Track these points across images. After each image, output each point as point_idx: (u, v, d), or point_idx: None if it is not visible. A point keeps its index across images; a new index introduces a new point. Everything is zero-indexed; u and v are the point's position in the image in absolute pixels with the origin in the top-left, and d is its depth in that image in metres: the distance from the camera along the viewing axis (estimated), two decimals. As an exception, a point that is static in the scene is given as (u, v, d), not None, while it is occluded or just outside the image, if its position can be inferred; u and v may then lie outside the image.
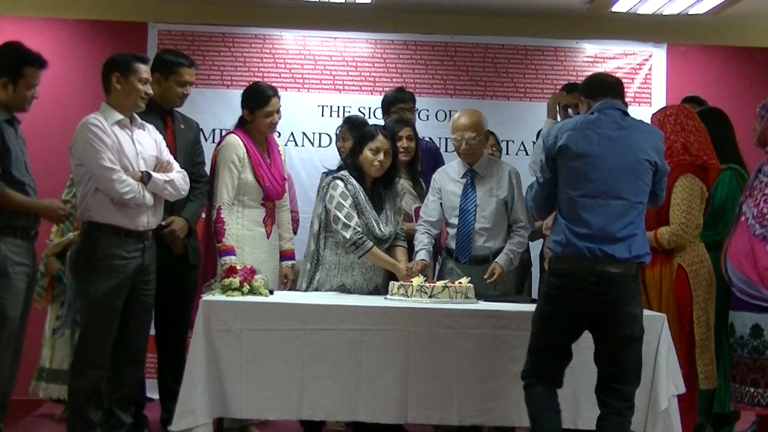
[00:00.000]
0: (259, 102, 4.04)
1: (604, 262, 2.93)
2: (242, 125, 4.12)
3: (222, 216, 3.93)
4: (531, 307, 3.40)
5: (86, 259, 3.59)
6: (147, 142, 3.73)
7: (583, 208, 2.96)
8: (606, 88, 3.13)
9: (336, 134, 4.66)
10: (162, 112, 4.00)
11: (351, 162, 3.92)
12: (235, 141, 4.02)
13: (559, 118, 4.14)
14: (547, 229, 4.21)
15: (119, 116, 3.64)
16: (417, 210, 4.27)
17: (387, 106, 4.66)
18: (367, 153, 3.85)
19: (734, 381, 3.52)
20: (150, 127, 3.80)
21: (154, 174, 3.65)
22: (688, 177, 3.63)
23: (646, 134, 3.05)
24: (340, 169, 4.00)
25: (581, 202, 2.96)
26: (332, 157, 4.69)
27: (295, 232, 4.51)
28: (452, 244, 4.11)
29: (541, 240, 4.32)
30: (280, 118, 4.13)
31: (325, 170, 4.37)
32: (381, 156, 3.86)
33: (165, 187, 3.67)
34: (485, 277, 3.96)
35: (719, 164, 3.73)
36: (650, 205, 3.12)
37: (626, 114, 3.10)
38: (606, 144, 2.98)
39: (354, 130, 4.33)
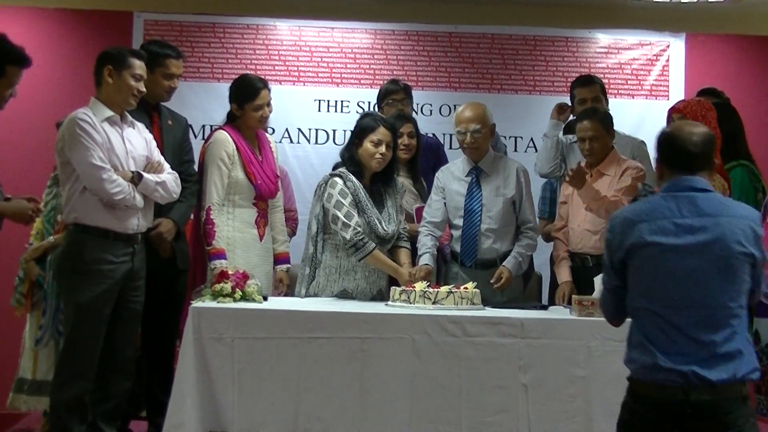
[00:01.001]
0: (247, 95, 4.05)
1: (701, 389, 2.41)
2: (231, 121, 4.13)
3: (212, 217, 3.94)
4: (541, 314, 3.46)
5: (72, 264, 3.61)
6: (137, 142, 3.74)
7: (666, 321, 2.46)
8: (690, 159, 2.55)
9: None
10: (148, 107, 4.00)
11: (349, 156, 3.93)
12: (224, 137, 4.03)
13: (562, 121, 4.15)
14: (557, 231, 4.25)
15: (109, 113, 3.65)
16: (418, 210, 4.30)
17: (380, 99, 4.68)
18: (367, 145, 3.87)
19: (759, 393, 3.53)
20: (140, 125, 3.81)
21: (145, 175, 3.67)
22: (713, 176, 3.58)
23: (738, 218, 2.51)
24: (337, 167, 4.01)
25: (663, 313, 2.47)
26: (329, 155, 4.70)
27: (294, 233, 4.55)
28: (457, 247, 4.12)
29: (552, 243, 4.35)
30: (271, 112, 4.15)
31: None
32: (383, 148, 3.87)
33: (156, 189, 3.69)
34: (492, 281, 3.97)
35: (722, 163, 3.73)
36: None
37: (708, 191, 2.57)
38: (688, 237, 2.48)
39: None
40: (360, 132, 3.90)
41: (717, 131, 3.71)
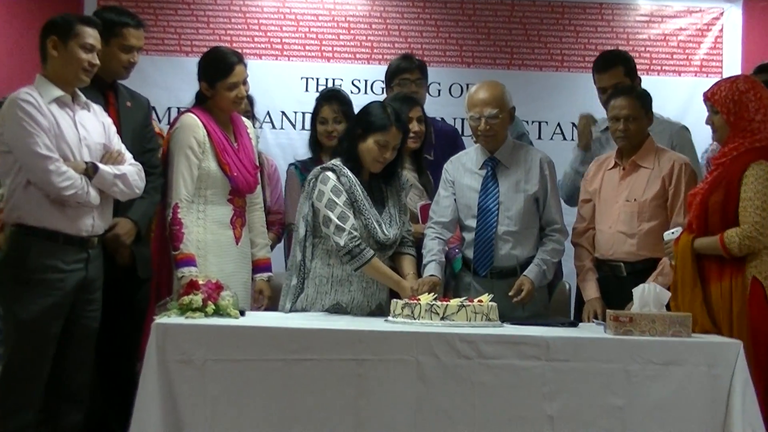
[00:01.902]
0: (219, 71, 4.07)
1: None
2: (201, 102, 4.15)
3: (179, 216, 3.95)
4: (570, 332, 3.47)
5: (14, 272, 3.60)
6: (93, 126, 3.74)
7: None
8: None
9: (317, 113, 4.62)
10: (102, 86, 4.00)
11: (347, 148, 3.93)
12: (192, 122, 4.04)
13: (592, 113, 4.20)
14: (579, 235, 4.23)
15: (58, 92, 3.65)
16: (423, 208, 4.34)
17: (389, 78, 4.73)
18: (372, 145, 3.88)
19: None
20: (97, 108, 3.82)
21: (101, 166, 3.66)
22: (762, 165, 3.64)
23: None
24: (315, 161, 4.01)
25: None
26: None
27: (279, 239, 4.59)
28: (469, 253, 4.12)
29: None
30: (247, 91, 4.18)
31: (294, 162, 4.44)
32: (388, 153, 3.89)
33: (114, 183, 3.69)
34: (511, 294, 3.98)
35: None
36: None
37: None
38: None
39: (343, 106, 4.38)
40: (367, 125, 3.90)
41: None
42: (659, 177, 4.15)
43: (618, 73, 4.62)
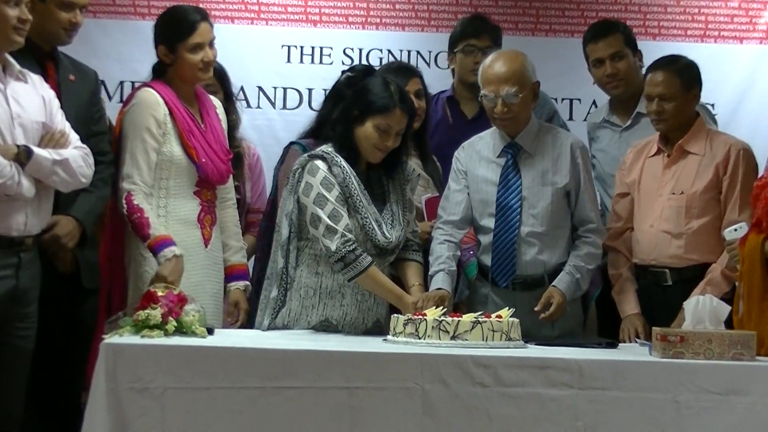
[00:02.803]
0: (180, 30, 4.10)
1: None
2: (161, 75, 4.18)
3: (136, 203, 3.98)
4: (608, 355, 3.48)
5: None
6: (29, 102, 3.72)
7: None
8: None
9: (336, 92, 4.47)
10: (39, 55, 3.99)
11: (341, 133, 3.94)
12: (151, 98, 4.06)
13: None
14: (613, 238, 4.25)
15: (-20, 60, 3.63)
16: (429, 202, 4.36)
17: (450, 44, 4.83)
18: (371, 130, 3.88)
19: None
20: (36, 79, 3.80)
21: (36, 150, 3.64)
22: None
23: None
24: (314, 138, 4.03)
25: None
26: (302, 126, 4.66)
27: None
28: (486, 259, 4.13)
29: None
30: (215, 57, 4.18)
31: (295, 142, 4.39)
32: (390, 140, 3.89)
33: (54, 171, 3.67)
34: (537, 308, 3.98)
35: None
36: None
37: None
38: None
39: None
40: (366, 106, 3.90)
41: None
42: (712, 164, 4.17)
43: (617, 42, 4.68)
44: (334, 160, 3.88)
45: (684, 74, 4.21)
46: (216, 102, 4.35)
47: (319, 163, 3.87)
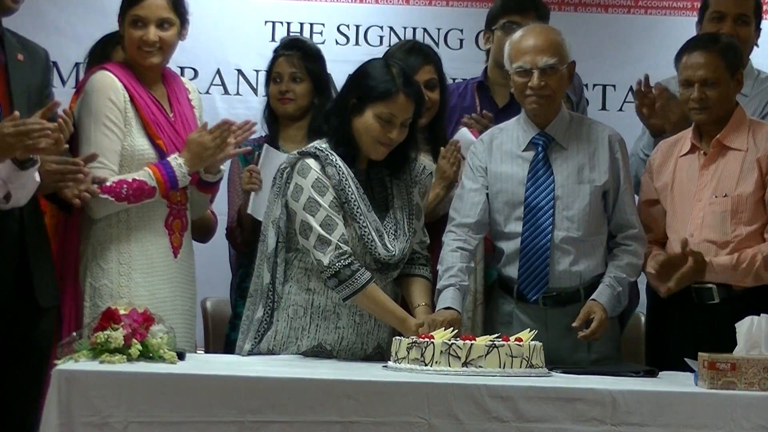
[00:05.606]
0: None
1: None
2: (106, 53, 4.33)
3: (111, 184, 3.92)
4: (646, 385, 3.40)
5: None
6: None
7: None
8: None
9: (271, 69, 4.59)
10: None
11: (337, 125, 3.85)
12: (108, 81, 4.04)
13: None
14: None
15: None
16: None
17: (489, 20, 4.72)
18: (371, 120, 3.79)
19: None
20: None
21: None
22: None
23: None
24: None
25: None
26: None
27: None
28: (511, 271, 4.03)
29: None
30: (172, 43, 4.08)
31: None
32: (394, 132, 3.79)
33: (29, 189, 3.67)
34: (575, 325, 3.89)
35: None
36: None
37: None
38: None
39: (307, 60, 4.40)
40: (365, 93, 3.82)
41: None
42: (756, 161, 4.09)
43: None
44: (328, 158, 3.80)
45: (729, 55, 4.12)
46: (189, 86, 4.32)
47: (311, 161, 3.81)
